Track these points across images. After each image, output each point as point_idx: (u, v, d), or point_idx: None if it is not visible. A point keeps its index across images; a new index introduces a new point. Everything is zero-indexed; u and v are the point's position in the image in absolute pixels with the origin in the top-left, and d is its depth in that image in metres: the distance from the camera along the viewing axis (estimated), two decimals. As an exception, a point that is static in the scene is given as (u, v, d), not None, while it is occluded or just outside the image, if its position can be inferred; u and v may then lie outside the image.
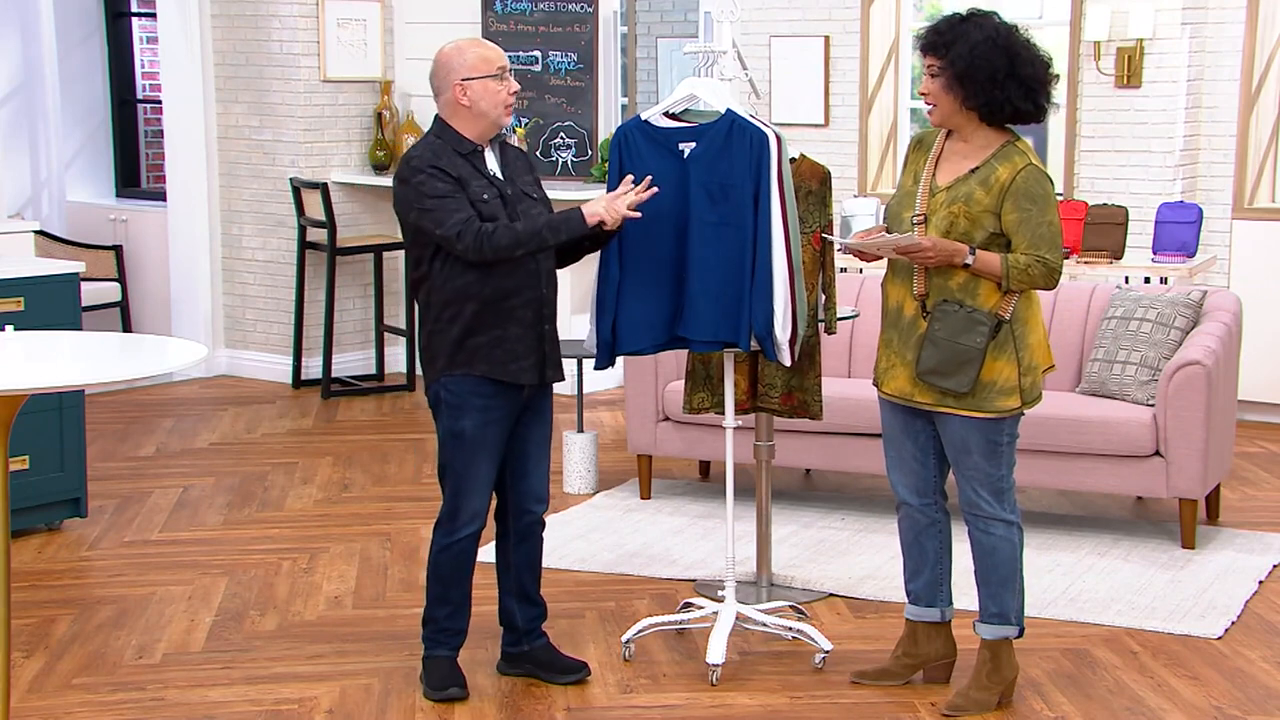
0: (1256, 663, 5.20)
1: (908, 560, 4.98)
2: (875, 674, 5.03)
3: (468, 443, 4.79)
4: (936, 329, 4.63)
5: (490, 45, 4.86)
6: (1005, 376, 4.64)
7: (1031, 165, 4.63)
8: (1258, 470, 7.52)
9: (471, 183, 4.74)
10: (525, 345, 4.79)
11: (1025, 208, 4.59)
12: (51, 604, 5.78)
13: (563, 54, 9.39)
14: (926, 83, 4.65)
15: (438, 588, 4.93)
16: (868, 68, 9.24)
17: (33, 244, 7.96)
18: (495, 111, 4.77)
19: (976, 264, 4.58)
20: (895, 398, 4.78)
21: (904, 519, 4.93)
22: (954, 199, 4.64)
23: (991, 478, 4.72)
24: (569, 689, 4.97)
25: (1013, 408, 4.67)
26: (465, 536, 4.86)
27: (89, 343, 4.58)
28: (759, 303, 4.89)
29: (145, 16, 10.86)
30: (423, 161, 4.73)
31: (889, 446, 4.90)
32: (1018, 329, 4.66)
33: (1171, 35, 8.34)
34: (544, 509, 5.00)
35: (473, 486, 4.82)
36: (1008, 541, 4.76)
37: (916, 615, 4.99)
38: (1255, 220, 8.42)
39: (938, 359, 4.63)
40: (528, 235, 4.68)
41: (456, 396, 4.78)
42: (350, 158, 9.66)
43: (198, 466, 7.73)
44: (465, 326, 4.75)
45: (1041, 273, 4.59)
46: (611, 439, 8.11)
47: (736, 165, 4.90)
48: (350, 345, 9.66)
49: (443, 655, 4.96)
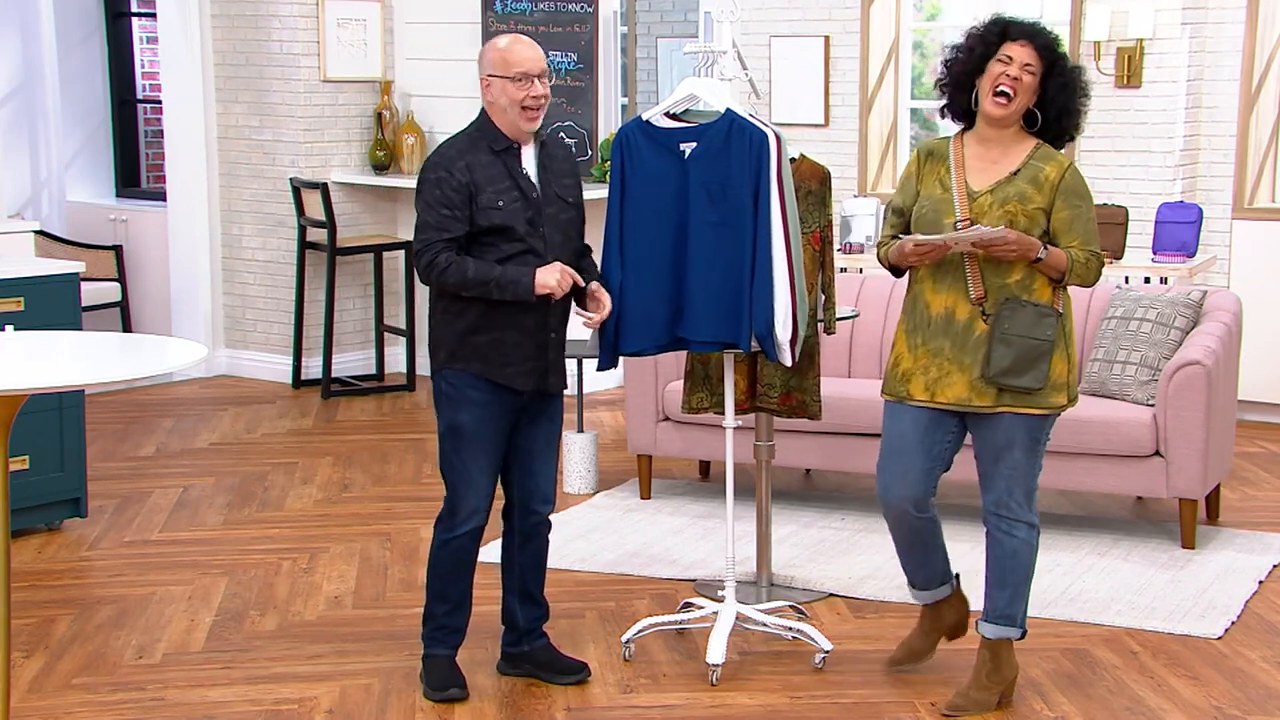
0: (1256, 663, 5.20)
1: (907, 560, 4.97)
2: (906, 656, 5.06)
3: (465, 437, 4.80)
4: (1006, 327, 4.60)
5: (526, 49, 4.77)
6: (1059, 372, 4.66)
7: (1073, 164, 4.69)
8: (1258, 470, 7.52)
9: (487, 188, 4.72)
10: (523, 351, 4.79)
11: (1075, 204, 4.63)
12: (51, 604, 5.78)
13: (563, 54, 9.39)
14: (1020, 73, 4.58)
15: (436, 584, 4.94)
16: (868, 68, 9.24)
17: (33, 244, 7.95)
18: (513, 111, 4.74)
19: (1047, 258, 4.60)
20: (952, 405, 4.70)
21: (901, 525, 4.88)
22: (1005, 199, 4.61)
23: (1027, 477, 4.71)
24: (569, 689, 4.97)
25: (1062, 405, 4.69)
26: (464, 533, 4.86)
27: (89, 343, 4.58)
28: (759, 303, 4.88)
29: (145, 16, 10.86)
30: (442, 160, 4.74)
31: (894, 458, 4.80)
32: (1067, 324, 4.70)
33: (1171, 35, 8.34)
34: (550, 509, 4.99)
35: (469, 482, 4.82)
36: (1028, 545, 4.75)
37: (933, 597, 5.03)
38: (1255, 220, 8.42)
39: (1011, 357, 4.60)
40: (475, 282, 4.69)
41: (455, 390, 4.80)
42: (350, 158, 9.66)
43: (198, 466, 7.73)
44: (469, 324, 4.76)
45: (1096, 266, 4.66)
46: (611, 439, 8.11)
47: (736, 165, 4.90)
48: (350, 345, 9.66)
49: (442, 654, 4.96)
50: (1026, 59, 4.60)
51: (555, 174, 4.86)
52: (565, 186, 4.88)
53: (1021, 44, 4.61)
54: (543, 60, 4.78)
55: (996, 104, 4.62)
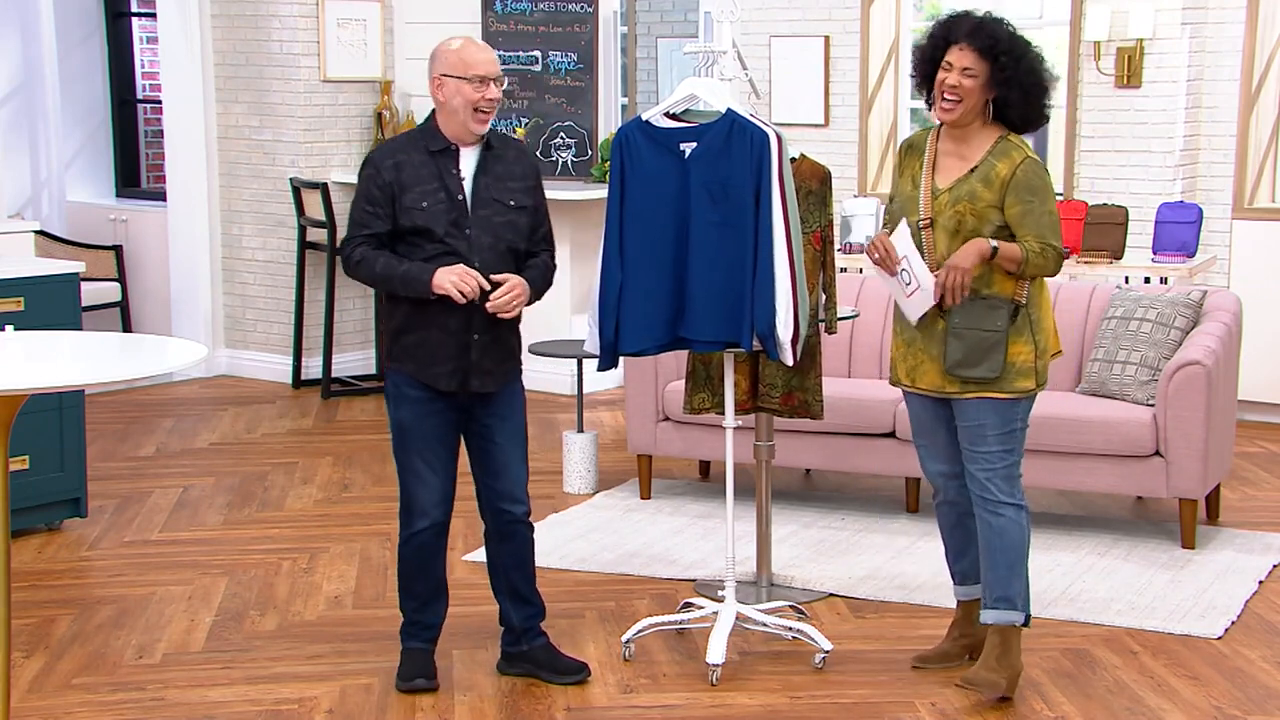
0: (1256, 663, 5.20)
1: (950, 543, 5.07)
2: (937, 657, 5.12)
3: (408, 435, 4.87)
4: (958, 321, 4.73)
5: (481, 51, 4.81)
6: (1024, 358, 4.75)
7: (1029, 159, 4.73)
8: (1258, 470, 7.52)
9: (413, 188, 4.76)
10: (446, 351, 4.81)
11: (1027, 199, 4.69)
12: (51, 604, 5.78)
13: (563, 54, 9.39)
14: (959, 79, 4.65)
15: (403, 581, 5.03)
16: (868, 68, 9.24)
17: (33, 244, 7.96)
18: (464, 113, 4.76)
19: (1002, 251, 4.67)
20: (930, 392, 4.86)
21: (943, 505, 5.03)
22: (957, 199, 4.72)
23: (1005, 462, 4.80)
24: (569, 689, 4.97)
25: (1029, 389, 4.77)
26: (420, 530, 4.93)
27: (89, 343, 4.58)
28: (761, 302, 4.89)
29: (145, 16, 10.86)
30: (374, 158, 4.82)
31: (921, 438, 5.00)
32: (1033, 313, 4.78)
33: (1171, 35, 8.34)
34: (523, 509, 4.99)
35: (419, 478, 4.88)
36: (1016, 524, 4.82)
37: (967, 595, 5.10)
38: (1255, 220, 8.42)
39: (964, 350, 4.73)
40: (381, 278, 4.79)
41: (396, 389, 4.89)
42: (350, 158, 9.66)
43: (198, 466, 7.73)
44: (399, 323, 4.85)
45: (1053, 257, 4.71)
46: (611, 439, 8.11)
47: (737, 165, 4.90)
48: (350, 345, 9.66)
49: (416, 647, 5.02)
50: (965, 63, 4.67)
51: (498, 176, 4.84)
52: (509, 189, 4.84)
53: (960, 47, 4.68)
54: (498, 64, 4.84)
55: (941, 110, 4.74)
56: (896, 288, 4.82)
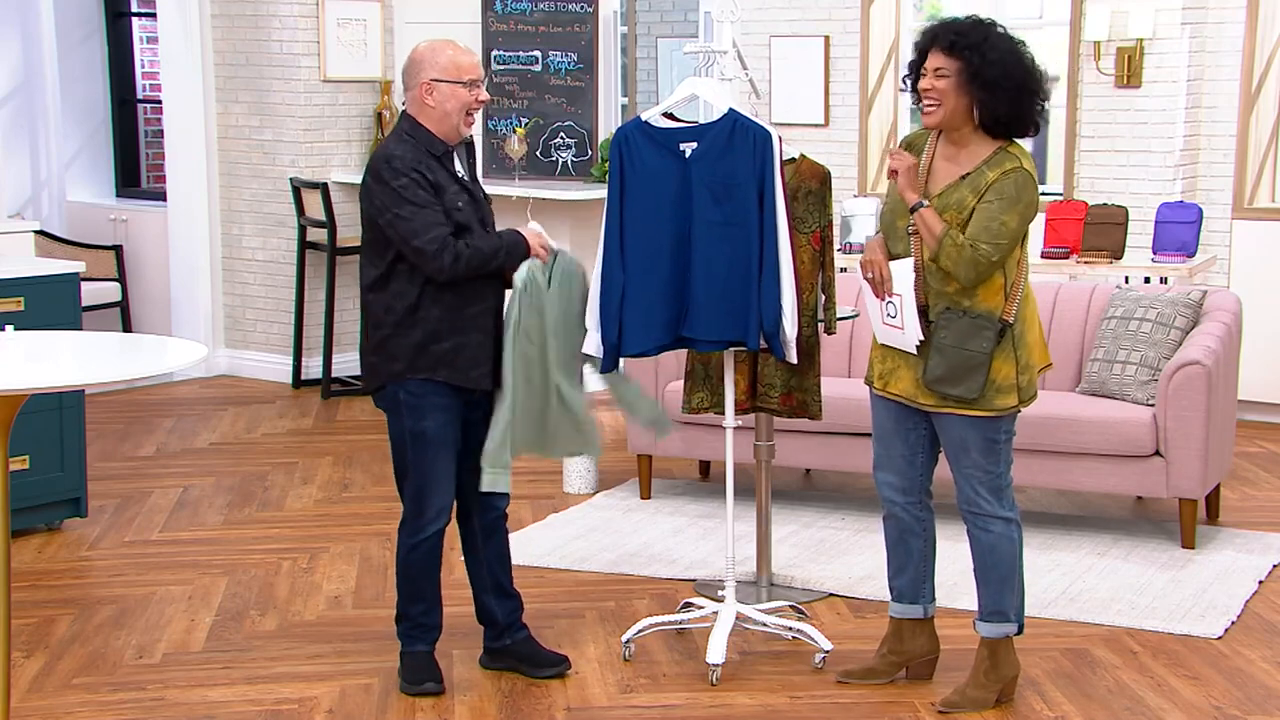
0: (1256, 663, 5.20)
1: (892, 558, 5.01)
2: (862, 673, 5.04)
3: (431, 443, 4.84)
4: (942, 336, 4.63)
5: (469, 55, 4.85)
6: (1004, 375, 4.65)
7: (1020, 170, 4.62)
8: (1258, 470, 7.52)
9: (448, 189, 4.77)
10: (485, 352, 4.83)
11: (990, 200, 4.59)
12: (51, 604, 5.78)
13: (563, 54, 9.40)
14: (931, 81, 4.63)
15: (409, 586, 5.00)
16: (868, 68, 9.24)
17: (33, 244, 7.96)
18: (457, 116, 4.78)
19: (923, 214, 4.59)
20: (899, 398, 4.78)
21: (889, 519, 4.95)
22: (945, 206, 4.65)
23: (990, 475, 4.73)
24: (569, 689, 4.98)
25: (1010, 406, 4.68)
26: (433, 533, 4.92)
27: (89, 343, 4.58)
28: (767, 300, 4.89)
29: (145, 16, 10.86)
30: (405, 164, 4.73)
31: (878, 444, 4.91)
32: (1017, 329, 4.68)
33: (1171, 35, 8.34)
34: (506, 503, 5.05)
35: (437, 483, 4.88)
36: (1007, 539, 4.77)
37: (900, 612, 5.03)
38: (1255, 220, 8.42)
39: (945, 367, 4.62)
40: (489, 256, 4.77)
41: (417, 398, 4.82)
42: (350, 158, 9.66)
43: (198, 466, 7.73)
44: (428, 332, 4.79)
45: (968, 258, 4.56)
46: (611, 439, 8.10)
47: (741, 164, 4.90)
48: (350, 345, 9.65)
49: (420, 650, 5.01)
50: (937, 64, 4.62)
51: (473, 170, 4.96)
52: (479, 184, 4.98)
53: (934, 51, 4.65)
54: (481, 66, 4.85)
55: (924, 114, 4.69)
56: (876, 307, 4.75)
